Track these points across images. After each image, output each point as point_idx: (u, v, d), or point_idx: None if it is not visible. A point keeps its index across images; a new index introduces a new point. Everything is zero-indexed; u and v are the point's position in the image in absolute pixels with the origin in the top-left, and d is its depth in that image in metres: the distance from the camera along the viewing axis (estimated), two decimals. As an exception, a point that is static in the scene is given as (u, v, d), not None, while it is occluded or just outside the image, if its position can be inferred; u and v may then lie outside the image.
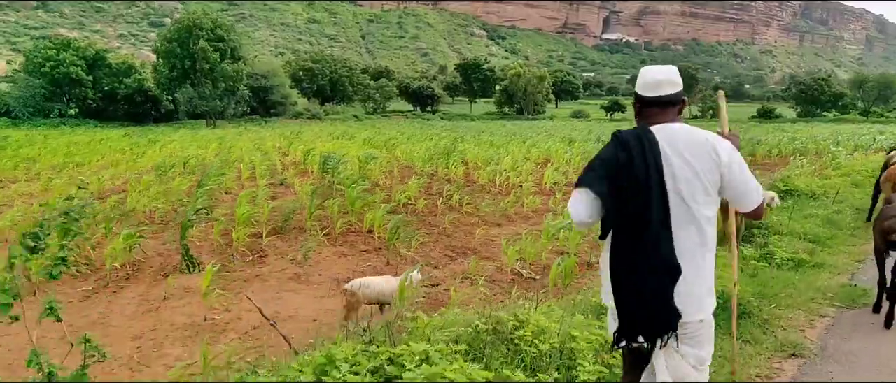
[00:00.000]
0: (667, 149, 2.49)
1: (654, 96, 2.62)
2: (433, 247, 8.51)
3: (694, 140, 2.52)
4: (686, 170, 2.48)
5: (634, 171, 2.46)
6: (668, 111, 2.62)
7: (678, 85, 2.66)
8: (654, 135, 2.52)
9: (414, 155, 19.38)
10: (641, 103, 2.67)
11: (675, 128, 2.56)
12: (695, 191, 2.49)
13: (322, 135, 37.13)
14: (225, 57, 54.10)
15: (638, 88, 2.69)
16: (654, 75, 2.64)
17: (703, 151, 2.50)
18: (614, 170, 2.51)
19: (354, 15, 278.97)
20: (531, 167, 17.03)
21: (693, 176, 2.48)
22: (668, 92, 2.62)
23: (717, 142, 2.53)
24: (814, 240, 7.54)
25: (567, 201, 2.80)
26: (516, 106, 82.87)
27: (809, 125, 58.75)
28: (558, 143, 24.32)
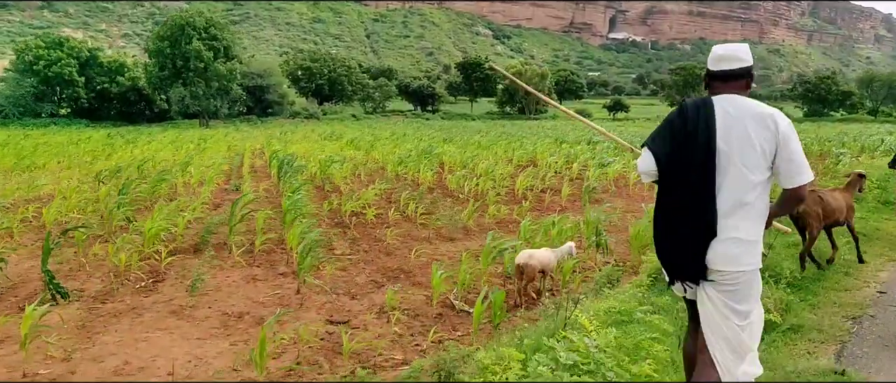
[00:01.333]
0: (725, 115, 2.74)
1: (717, 70, 2.87)
2: (361, 269, 7.42)
3: (755, 110, 2.73)
4: (742, 136, 2.69)
5: (687, 134, 2.76)
6: (731, 84, 2.84)
7: (743, 61, 2.85)
8: (714, 104, 2.79)
9: (390, 157, 18.29)
10: (709, 76, 2.92)
11: (737, 99, 2.79)
12: (746, 156, 2.68)
13: (312, 136, 36.19)
14: (218, 56, 53.20)
15: (708, 63, 2.93)
16: (719, 50, 2.91)
17: (762, 120, 2.69)
18: (671, 132, 2.84)
19: (359, 14, 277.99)
20: (511, 170, 15.95)
21: (747, 142, 2.68)
22: (731, 66, 2.84)
23: (777, 115, 2.71)
24: (793, 284, 5.71)
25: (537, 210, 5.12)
26: (518, 105, 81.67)
27: (816, 125, 57.42)
28: (547, 144, 23.21)
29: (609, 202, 11.97)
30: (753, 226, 2.74)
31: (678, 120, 2.82)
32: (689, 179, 2.73)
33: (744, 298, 2.77)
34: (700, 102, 2.81)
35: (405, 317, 5.75)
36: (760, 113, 2.70)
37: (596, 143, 22.08)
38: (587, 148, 20.65)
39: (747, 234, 2.72)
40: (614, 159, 15.13)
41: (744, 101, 2.76)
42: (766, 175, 2.71)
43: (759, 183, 2.70)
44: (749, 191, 2.69)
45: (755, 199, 2.71)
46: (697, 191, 2.71)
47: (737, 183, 2.69)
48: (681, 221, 2.77)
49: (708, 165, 2.69)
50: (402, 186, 13.84)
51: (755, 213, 2.73)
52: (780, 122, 2.67)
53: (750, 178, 2.68)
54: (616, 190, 13.42)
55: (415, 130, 41.65)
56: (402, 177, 15.62)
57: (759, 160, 2.67)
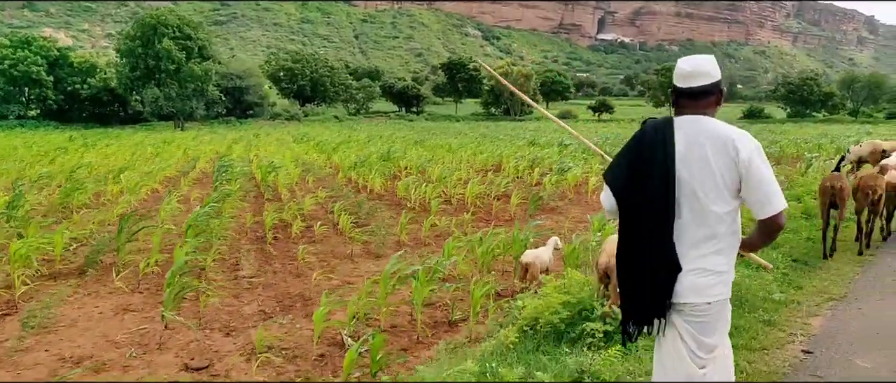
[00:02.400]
0: (686, 141, 2.52)
1: (685, 87, 2.61)
2: (256, 296, 6.53)
3: (717, 135, 2.50)
4: (702, 164, 2.49)
5: (645, 161, 2.56)
6: (701, 102, 2.60)
7: (712, 76, 2.61)
8: (674, 127, 2.57)
9: (347, 161, 17.39)
10: (675, 93, 2.67)
11: (700, 121, 2.56)
12: (707, 186, 2.49)
13: (286, 138, 35.24)
14: (192, 56, 52.03)
15: (674, 78, 2.67)
16: (685, 66, 2.62)
17: (723, 147, 2.47)
18: (628, 159, 2.65)
19: (348, 15, 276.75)
20: (472, 175, 15.11)
21: (708, 170, 2.48)
22: (700, 83, 2.59)
23: (740, 141, 2.48)
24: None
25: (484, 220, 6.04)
26: (503, 106, 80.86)
27: (798, 125, 57.05)
28: (517, 147, 22.38)
29: (564, 211, 11.16)
30: (721, 257, 2.54)
31: (636, 145, 2.64)
32: (648, 210, 2.54)
33: (711, 331, 2.57)
34: (660, 125, 2.61)
35: (280, 360, 4.88)
36: (722, 138, 2.47)
37: (567, 146, 21.26)
38: (556, 151, 19.83)
39: (715, 265, 2.53)
40: (572, 165, 14.27)
41: (706, 124, 2.54)
42: (730, 205, 2.51)
43: (724, 213, 2.50)
44: (714, 223, 2.50)
45: (722, 231, 2.52)
46: (657, 223, 2.52)
47: (699, 214, 2.50)
48: (641, 256, 2.58)
49: (667, 195, 2.50)
50: (347, 193, 12.97)
51: (723, 245, 2.54)
52: (743, 149, 2.44)
53: (712, 209, 2.48)
54: (575, 197, 12.59)
55: (392, 132, 40.76)
56: (353, 182, 14.74)
57: (722, 190, 2.48)
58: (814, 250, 7.27)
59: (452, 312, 5.86)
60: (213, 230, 8.38)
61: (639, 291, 2.61)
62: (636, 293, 2.63)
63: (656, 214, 2.52)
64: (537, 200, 9.99)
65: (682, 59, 2.65)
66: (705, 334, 2.56)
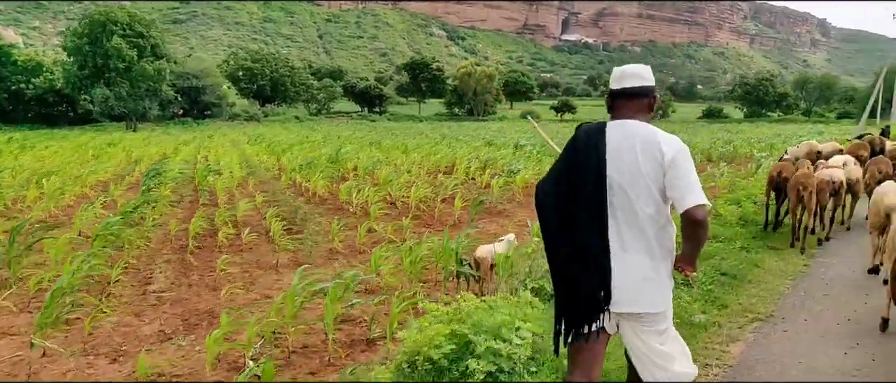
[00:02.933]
0: (617, 142, 2.58)
1: (618, 88, 2.71)
2: (160, 314, 5.95)
3: (645, 138, 2.56)
4: (633, 167, 2.54)
5: (578, 167, 2.62)
6: (634, 104, 2.68)
7: (644, 79, 2.71)
8: (606, 131, 2.62)
9: (295, 163, 16.75)
10: (610, 96, 2.75)
11: (631, 125, 2.62)
12: (638, 188, 2.54)
13: (241, 139, 34.27)
14: (144, 54, 50.43)
15: (610, 82, 2.77)
16: (621, 69, 2.76)
17: (650, 149, 2.54)
18: (564, 165, 2.70)
19: (312, 14, 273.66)
20: (421, 177, 14.65)
21: (638, 173, 2.54)
22: (633, 84, 2.68)
23: (663, 141, 2.55)
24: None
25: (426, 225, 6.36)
26: (467, 106, 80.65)
27: (755, 125, 58.13)
28: (473, 148, 22.00)
29: (511, 214, 10.78)
30: (655, 262, 2.59)
31: (571, 151, 2.70)
32: (583, 214, 2.58)
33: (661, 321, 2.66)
34: (592, 130, 2.67)
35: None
36: (650, 141, 2.56)
37: (522, 147, 20.96)
38: (511, 152, 19.50)
39: (649, 270, 2.58)
40: (522, 167, 13.91)
41: (636, 127, 2.61)
42: (661, 206, 2.57)
43: (652, 215, 2.56)
44: (644, 224, 2.56)
45: (652, 233, 2.58)
46: (591, 226, 2.57)
47: (629, 215, 2.56)
48: (573, 260, 2.60)
49: (600, 198, 2.56)
50: (287, 198, 12.39)
51: (657, 248, 2.59)
52: (668, 151, 2.53)
53: (645, 210, 2.55)
54: (524, 199, 12.23)
55: (351, 133, 40.07)
56: (297, 185, 14.15)
57: (652, 191, 2.55)
58: (746, 261, 6.84)
59: (371, 329, 5.38)
60: (126, 239, 7.73)
61: (574, 294, 2.63)
62: (572, 296, 2.64)
63: (591, 217, 2.56)
64: (479, 204, 9.56)
65: (618, 67, 2.79)
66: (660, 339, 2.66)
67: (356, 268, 7.40)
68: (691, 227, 2.56)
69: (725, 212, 8.25)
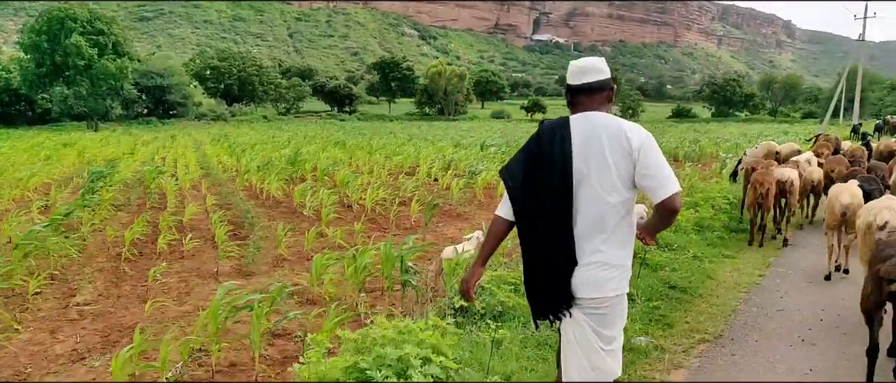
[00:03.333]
0: (581, 134, 2.60)
1: (578, 84, 2.71)
2: (79, 330, 5.49)
3: (610, 128, 2.58)
4: (599, 157, 2.55)
5: (543, 158, 2.63)
6: (595, 98, 2.69)
7: (603, 72, 2.72)
8: (570, 124, 2.64)
9: (253, 164, 16.21)
10: (570, 92, 2.76)
11: (594, 117, 2.64)
12: (603, 178, 2.55)
13: (204, 139, 33.40)
14: (105, 52, 48.97)
15: (567, 78, 2.78)
16: (577, 64, 2.76)
17: (617, 139, 2.54)
18: (527, 158, 2.71)
19: (282, 13, 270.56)
20: (383, 179, 14.26)
21: (604, 163, 2.55)
22: (592, 79, 2.69)
23: (629, 129, 2.56)
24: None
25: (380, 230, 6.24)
26: (437, 106, 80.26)
27: (722, 125, 58.81)
28: (438, 148, 21.65)
29: (470, 217, 10.46)
30: (617, 249, 2.62)
31: (534, 146, 2.70)
32: (546, 205, 2.61)
33: (610, 323, 2.66)
34: (556, 124, 2.69)
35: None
36: (616, 130, 2.57)
37: (488, 147, 20.67)
38: (476, 152, 19.20)
39: (612, 259, 2.61)
40: (483, 168, 13.59)
41: (601, 119, 2.63)
42: (625, 195, 2.59)
43: (618, 204, 2.58)
44: (609, 214, 2.58)
45: (617, 222, 2.60)
46: (554, 217, 2.59)
47: (595, 205, 2.58)
48: (540, 250, 2.65)
49: (564, 189, 2.58)
50: (239, 200, 11.90)
51: (619, 237, 2.62)
52: (634, 139, 2.54)
53: (607, 200, 2.57)
54: (485, 201, 11.93)
55: (318, 132, 39.41)
56: (252, 187, 13.65)
57: (616, 181, 2.56)
58: (698, 272, 6.43)
59: (305, 346, 5.00)
60: (53, 247, 7.22)
61: (542, 285, 2.68)
62: (540, 286, 2.70)
63: (556, 210, 2.58)
64: (433, 207, 9.19)
65: (574, 61, 2.77)
66: (604, 327, 2.64)
67: (300, 275, 7.03)
68: (668, 214, 2.61)
69: (680, 217, 7.87)
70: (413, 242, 6.28)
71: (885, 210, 5.07)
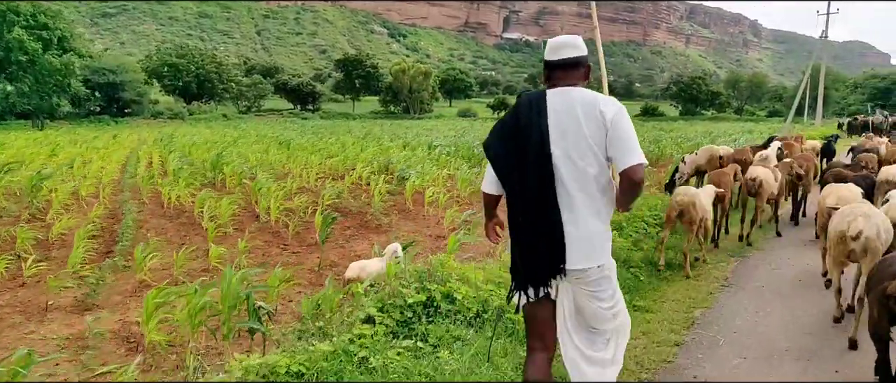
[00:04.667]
0: (558, 109, 2.67)
1: (555, 59, 2.78)
2: None
3: (585, 101, 2.65)
4: (576, 130, 2.63)
5: (520, 132, 2.70)
6: (571, 74, 2.78)
7: (579, 49, 2.80)
8: (547, 98, 2.71)
9: (171, 166, 14.70)
10: (548, 68, 2.83)
11: (571, 91, 2.71)
12: (581, 149, 2.62)
13: (147, 139, 31.56)
14: (50, 47, 46.60)
15: (544, 55, 2.85)
16: (556, 40, 2.85)
17: (591, 111, 2.63)
18: (504, 131, 2.79)
19: (249, 10, 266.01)
20: (306, 183, 12.93)
21: (581, 135, 2.62)
22: (568, 55, 2.77)
23: (604, 104, 2.64)
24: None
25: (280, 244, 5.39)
26: (402, 104, 78.81)
27: (689, 123, 58.58)
28: (383, 148, 20.30)
29: (390, 229, 9.19)
30: (600, 218, 2.71)
31: (510, 118, 2.78)
32: (530, 180, 2.66)
33: (606, 289, 2.76)
34: (534, 97, 2.75)
35: None
36: (590, 103, 2.65)
37: (435, 147, 19.39)
38: (418, 154, 17.89)
39: (597, 227, 2.69)
40: (416, 172, 12.27)
41: (576, 92, 2.70)
42: (602, 166, 2.67)
43: (598, 174, 2.66)
44: (589, 184, 2.65)
45: (597, 191, 2.68)
46: (537, 191, 2.65)
47: (577, 179, 2.65)
48: (526, 221, 2.70)
49: (544, 162, 2.64)
50: (132, 209, 10.44)
51: (601, 206, 2.71)
52: (607, 111, 2.62)
53: (588, 172, 2.64)
54: (413, 209, 10.67)
55: (271, 131, 37.74)
56: (158, 195, 12.19)
57: (595, 152, 2.63)
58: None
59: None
60: None
61: (530, 258, 2.72)
62: (528, 259, 2.73)
63: (537, 182, 2.63)
64: (331, 221, 7.79)
65: (552, 39, 2.86)
66: (603, 293, 2.74)
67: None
68: (629, 185, 2.64)
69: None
70: (280, 271, 4.98)
71: (860, 218, 4.66)
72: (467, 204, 10.74)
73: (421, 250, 7.28)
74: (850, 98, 76.47)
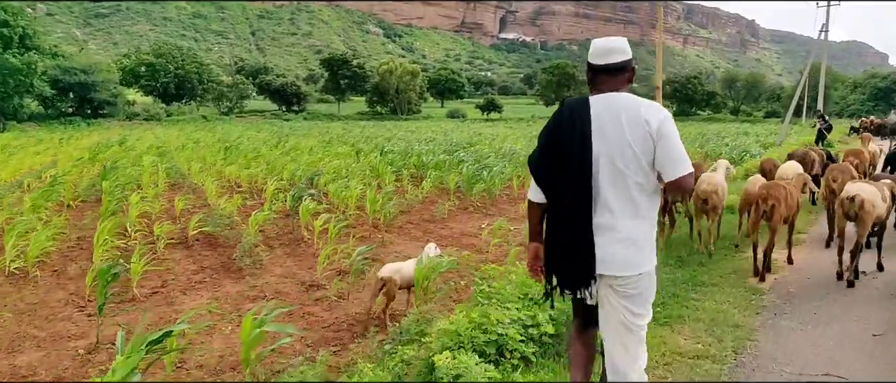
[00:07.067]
0: (603, 117, 2.65)
1: (602, 64, 2.74)
2: None
3: (630, 108, 2.62)
4: (620, 138, 2.60)
5: (563, 140, 2.69)
6: (617, 78, 2.74)
7: (625, 53, 2.76)
8: (590, 105, 2.69)
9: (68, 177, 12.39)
10: (592, 71, 2.78)
11: (616, 97, 2.68)
12: (626, 158, 2.60)
13: (110, 141, 29.30)
14: (10, 46, 44.35)
15: (589, 57, 2.79)
16: (603, 44, 2.77)
17: (636, 120, 2.59)
18: (548, 139, 2.77)
19: (244, 10, 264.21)
20: (202, 200, 10.62)
21: (625, 143, 2.59)
22: (615, 59, 2.73)
23: (648, 111, 2.62)
24: None
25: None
26: (390, 104, 76.41)
27: (683, 124, 56.29)
28: (336, 153, 17.96)
29: (259, 276, 6.87)
30: (645, 227, 2.70)
31: (555, 125, 2.77)
32: (570, 186, 2.67)
33: (643, 302, 2.74)
34: (576, 104, 2.75)
35: None
36: (636, 111, 2.62)
37: (387, 153, 17.05)
38: (372, 159, 15.54)
39: (640, 236, 2.67)
40: (314, 192, 9.87)
41: (620, 99, 2.67)
42: (647, 174, 2.64)
43: (641, 182, 2.64)
44: (636, 194, 2.64)
45: (643, 201, 2.66)
46: (578, 198, 2.65)
47: (621, 186, 2.64)
48: (566, 228, 2.71)
49: (585, 169, 2.63)
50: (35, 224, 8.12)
51: (645, 214, 2.69)
52: (652, 121, 2.59)
53: (632, 179, 2.62)
54: (308, 236, 8.34)
55: (241, 133, 35.38)
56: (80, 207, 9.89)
57: (640, 160, 2.61)
58: None
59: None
60: None
61: (566, 261, 2.72)
62: (564, 263, 2.74)
63: (577, 189, 2.63)
64: (108, 277, 5.19)
65: (598, 39, 2.80)
66: (637, 306, 2.70)
67: None
68: (677, 190, 2.67)
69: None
70: None
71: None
72: (371, 231, 8.48)
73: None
74: (849, 98, 74.41)
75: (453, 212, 10.37)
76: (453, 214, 10.24)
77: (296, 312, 5.66)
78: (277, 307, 4.26)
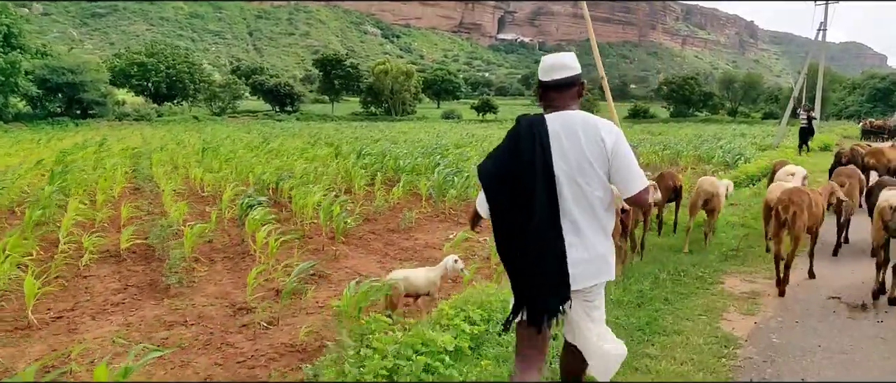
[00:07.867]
0: (559, 134, 2.67)
1: (549, 80, 2.79)
2: None
3: (586, 126, 2.67)
4: (579, 155, 2.64)
5: (521, 159, 2.66)
6: (566, 94, 2.78)
7: (573, 69, 2.79)
8: (546, 123, 2.70)
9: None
10: (542, 88, 2.83)
11: (571, 115, 2.72)
12: (586, 174, 2.65)
13: (89, 143, 28.56)
14: (-7, 44, 43.60)
15: (538, 74, 2.85)
16: (552, 60, 2.83)
17: (594, 137, 2.64)
18: (503, 157, 2.75)
19: (241, 10, 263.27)
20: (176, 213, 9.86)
21: (585, 160, 2.64)
22: (562, 75, 2.77)
23: (604, 130, 2.66)
24: None
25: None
26: (384, 105, 75.59)
27: (679, 125, 55.54)
28: (309, 157, 17.18)
29: (186, 296, 6.10)
30: (605, 238, 2.75)
31: (513, 143, 2.73)
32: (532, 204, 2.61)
33: (599, 305, 2.83)
34: (533, 122, 2.73)
35: None
36: (593, 129, 2.67)
37: (364, 156, 16.27)
38: (349, 162, 14.76)
39: (605, 249, 2.74)
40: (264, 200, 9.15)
41: (575, 117, 2.71)
42: (606, 189, 2.71)
43: (601, 197, 2.70)
44: (596, 207, 2.69)
45: (602, 213, 2.72)
46: (542, 216, 2.61)
47: (582, 201, 2.67)
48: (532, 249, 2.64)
49: (548, 188, 2.63)
50: None
51: (606, 226, 2.74)
52: (607, 138, 2.66)
53: (594, 194, 2.67)
54: (256, 250, 7.58)
55: (226, 135, 34.58)
56: None
57: (598, 175, 2.67)
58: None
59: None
60: None
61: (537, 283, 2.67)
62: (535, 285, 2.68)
63: (543, 207, 2.60)
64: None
65: (546, 57, 2.84)
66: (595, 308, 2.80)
67: None
68: (637, 206, 2.79)
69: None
70: None
71: None
72: (325, 243, 7.72)
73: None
74: (848, 99, 73.73)
75: (422, 221, 9.61)
76: (422, 223, 9.47)
77: (213, 341, 4.91)
78: (152, 351, 3.49)
